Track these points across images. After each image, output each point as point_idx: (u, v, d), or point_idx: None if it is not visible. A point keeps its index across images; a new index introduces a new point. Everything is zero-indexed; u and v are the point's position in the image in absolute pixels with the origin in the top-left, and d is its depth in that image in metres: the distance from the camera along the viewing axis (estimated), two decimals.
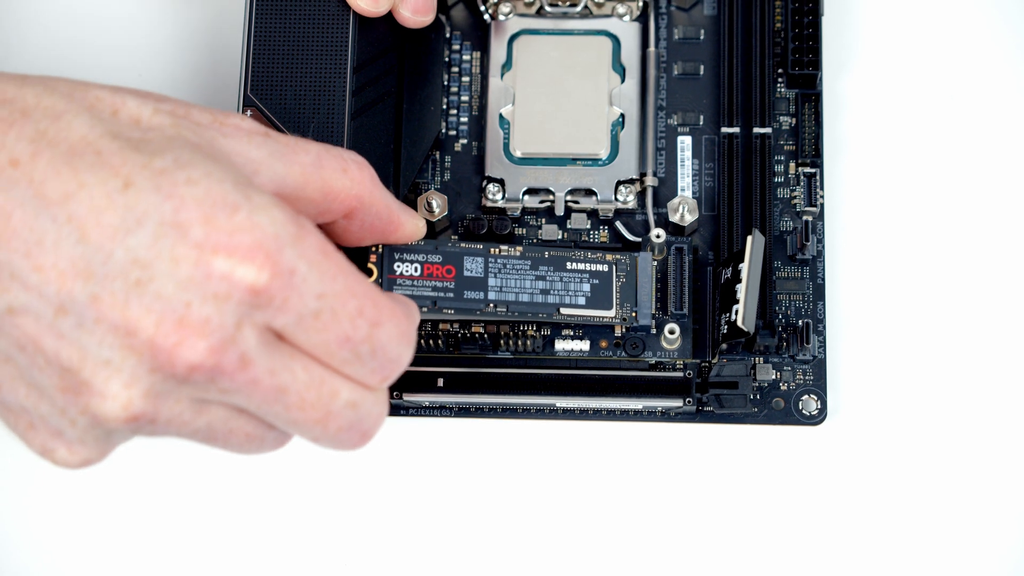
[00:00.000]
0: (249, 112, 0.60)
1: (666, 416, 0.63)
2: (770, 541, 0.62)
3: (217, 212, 0.48)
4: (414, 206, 0.64)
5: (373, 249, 0.61)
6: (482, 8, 0.67)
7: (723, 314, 0.61)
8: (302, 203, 0.54)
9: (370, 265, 0.61)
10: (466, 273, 0.61)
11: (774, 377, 0.63)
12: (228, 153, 0.52)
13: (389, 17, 0.63)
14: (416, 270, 0.60)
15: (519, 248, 0.61)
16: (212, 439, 0.52)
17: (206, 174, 0.49)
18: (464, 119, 0.66)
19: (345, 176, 0.55)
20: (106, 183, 0.48)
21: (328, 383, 0.51)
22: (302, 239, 0.49)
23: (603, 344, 0.62)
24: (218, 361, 0.49)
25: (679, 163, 0.66)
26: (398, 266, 0.61)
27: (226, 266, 0.48)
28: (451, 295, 0.60)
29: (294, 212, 0.50)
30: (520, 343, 0.62)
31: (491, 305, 0.61)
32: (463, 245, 0.61)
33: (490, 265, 0.61)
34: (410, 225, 0.59)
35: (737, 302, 0.59)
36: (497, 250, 0.61)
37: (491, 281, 0.61)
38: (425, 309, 0.60)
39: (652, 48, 0.66)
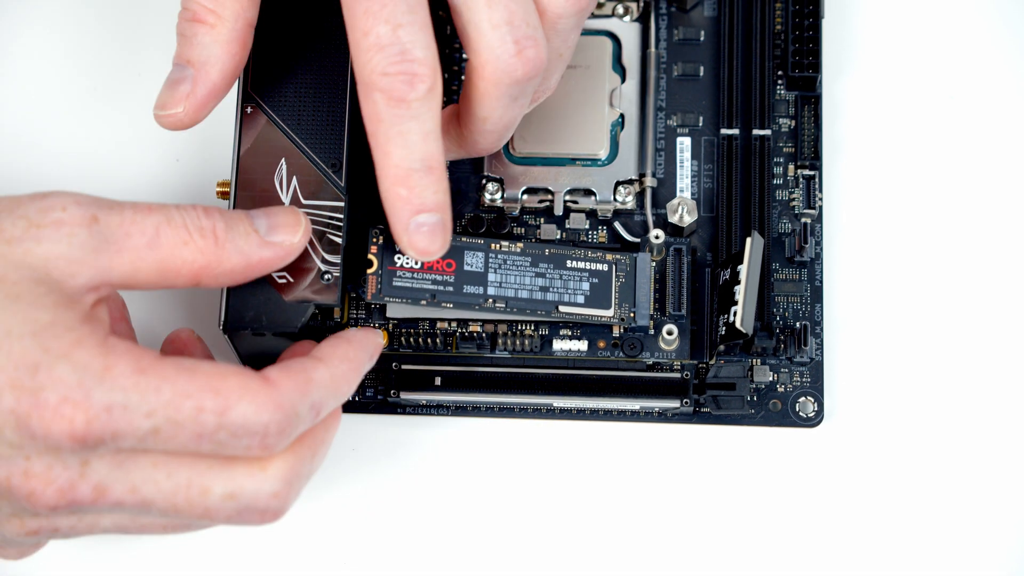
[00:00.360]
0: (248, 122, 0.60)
1: (663, 417, 0.63)
2: (766, 543, 0.62)
3: (20, 374, 0.50)
4: None
5: (373, 240, 0.61)
6: None
7: (721, 315, 0.61)
8: (135, 285, 0.54)
9: (370, 256, 0.61)
10: (466, 267, 0.61)
11: (771, 379, 0.63)
12: (44, 260, 0.52)
13: None
14: (416, 263, 0.60)
15: (520, 244, 0.61)
16: (128, 532, 0.55)
17: (6, 333, 0.50)
18: None
19: (186, 248, 0.54)
20: None
21: (196, 483, 0.53)
22: (109, 369, 0.51)
23: (601, 344, 0.62)
24: (73, 497, 0.51)
25: (678, 164, 0.66)
26: (398, 258, 0.61)
27: (41, 426, 0.50)
28: (450, 289, 0.61)
29: (101, 338, 0.51)
30: (518, 342, 0.62)
31: (490, 300, 0.61)
32: (464, 239, 0.61)
33: (490, 260, 0.61)
34: (279, 254, 0.57)
35: (735, 304, 0.59)
36: (498, 245, 0.61)
37: (491, 276, 0.61)
38: (424, 302, 0.61)
39: (652, 49, 0.67)
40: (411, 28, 0.54)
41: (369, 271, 0.61)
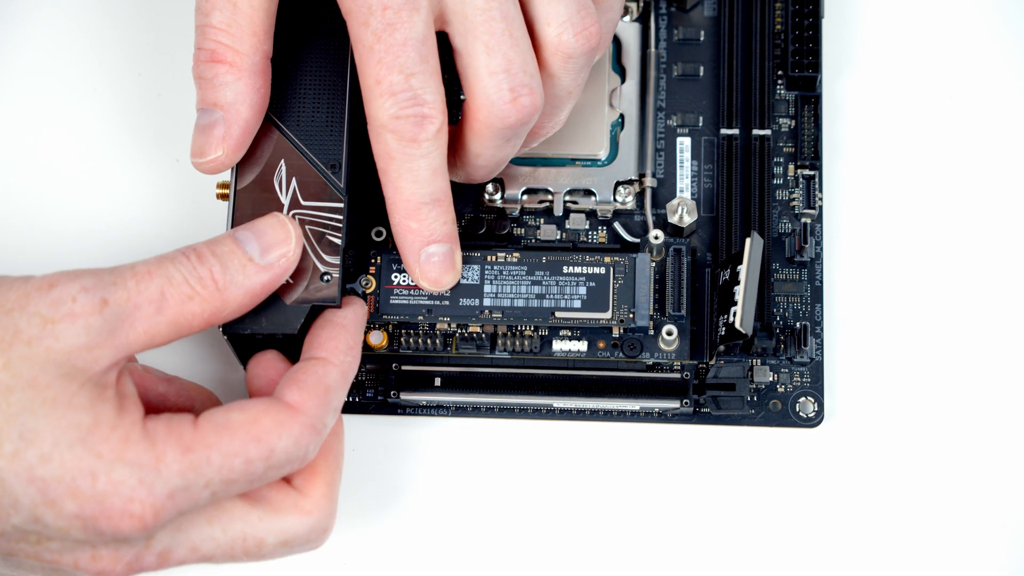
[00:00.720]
0: None
1: (663, 417, 0.63)
2: (766, 543, 0.62)
3: (79, 483, 0.51)
4: None
5: (372, 260, 0.61)
6: None
7: (721, 316, 0.61)
8: (151, 346, 0.55)
9: (369, 276, 0.61)
10: (462, 281, 0.61)
11: (771, 379, 0.63)
12: (66, 355, 0.52)
13: None
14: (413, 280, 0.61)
15: (516, 254, 0.61)
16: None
17: (55, 443, 0.51)
18: None
19: (192, 303, 0.55)
20: None
21: (250, 536, 0.55)
22: (161, 459, 0.52)
23: (601, 345, 0.62)
24: (140, 567, 0.54)
25: (678, 164, 0.66)
26: (395, 276, 0.61)
27: (110, 526, 0.52)
28: (446, 303, 0.61)
29: (141, 428, 0.53)
30: (517, 343, 0.62)
31: (486, 311, 0.61)
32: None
33: (486, 272, 0.61)
34: (278, 274, 0.58)
35: (735, 304, 0.59)
36: (494, 256, 0.61)
37: (487, 288, 0.61)
38: (421, 318, 0.61)
39: (652, 49, 0.66)
40: (422, 76, 0.56)
41: (368, 291, 0.61)
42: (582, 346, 0.62)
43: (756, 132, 0.65)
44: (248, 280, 0.56)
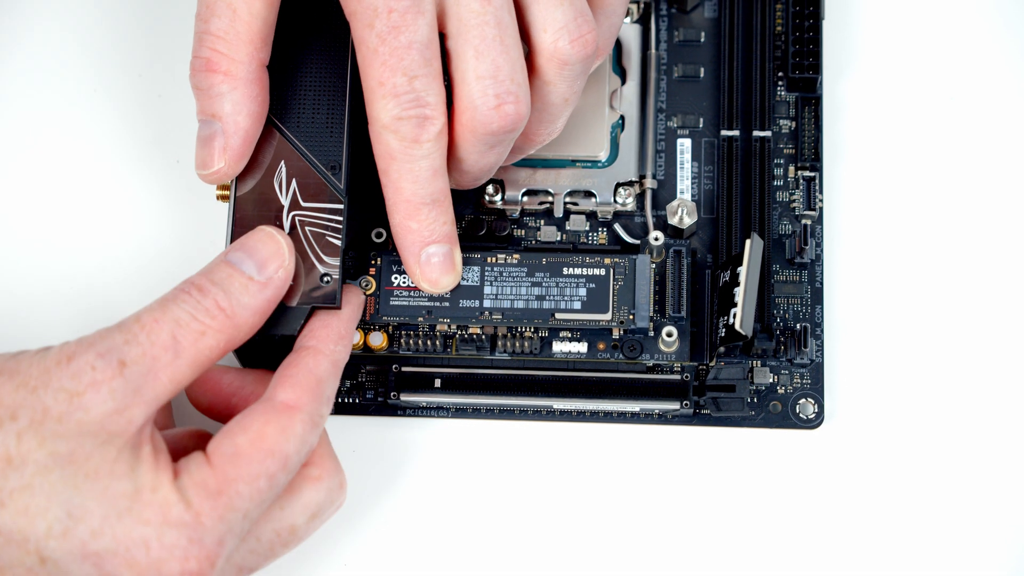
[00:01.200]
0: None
1: (663, 419, 0.63)
2: (767, 544, 0.62)
3: (134, 553, 0.52)
4: None
5: (372, 262, 0.62)
6: None
7: (721, 317, 0.61)
8: (179, 390, 0.55)
9: (369, 277, 0.61)
10: (462, 282, 0.61)
11: (771, 380, 0.63)
12: (99, 423, 0.52)
13: None
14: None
15: (516, 256, 0.62)
16: None
17: (103, 516, 0.52)
18: None
19: (206, 337, 0.55)
20: (23, 561, 0.52)
21: (282, 527, 0.57)
22: (201, 514, 0.53)
23: (601, 346, 0.62)
24: None
25: (678, 165, 0.66)
26: (395, 278, 0.61)
27: None
28: (446, 304, 0.61)
29: (175, 487, 0.53)
30: (517, 344, 0.62)
31: (486, 312, 0.61)
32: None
33: (486, 273, 0.61)
34: (279, 286, 0.58)
35: (735, 305, 0.59)
36: (494, 258, 0.61)
37: (487, 289, 0.61)
38: (421, 319, 0.61)
39: (653, 50, 0.66)
40: (425, 78, 0.56)
41: (368, 292, 0.61)
42: (582, 347, 0.62)
43: (756, 133, 0.65)
44: (253, 299, 0.56)
